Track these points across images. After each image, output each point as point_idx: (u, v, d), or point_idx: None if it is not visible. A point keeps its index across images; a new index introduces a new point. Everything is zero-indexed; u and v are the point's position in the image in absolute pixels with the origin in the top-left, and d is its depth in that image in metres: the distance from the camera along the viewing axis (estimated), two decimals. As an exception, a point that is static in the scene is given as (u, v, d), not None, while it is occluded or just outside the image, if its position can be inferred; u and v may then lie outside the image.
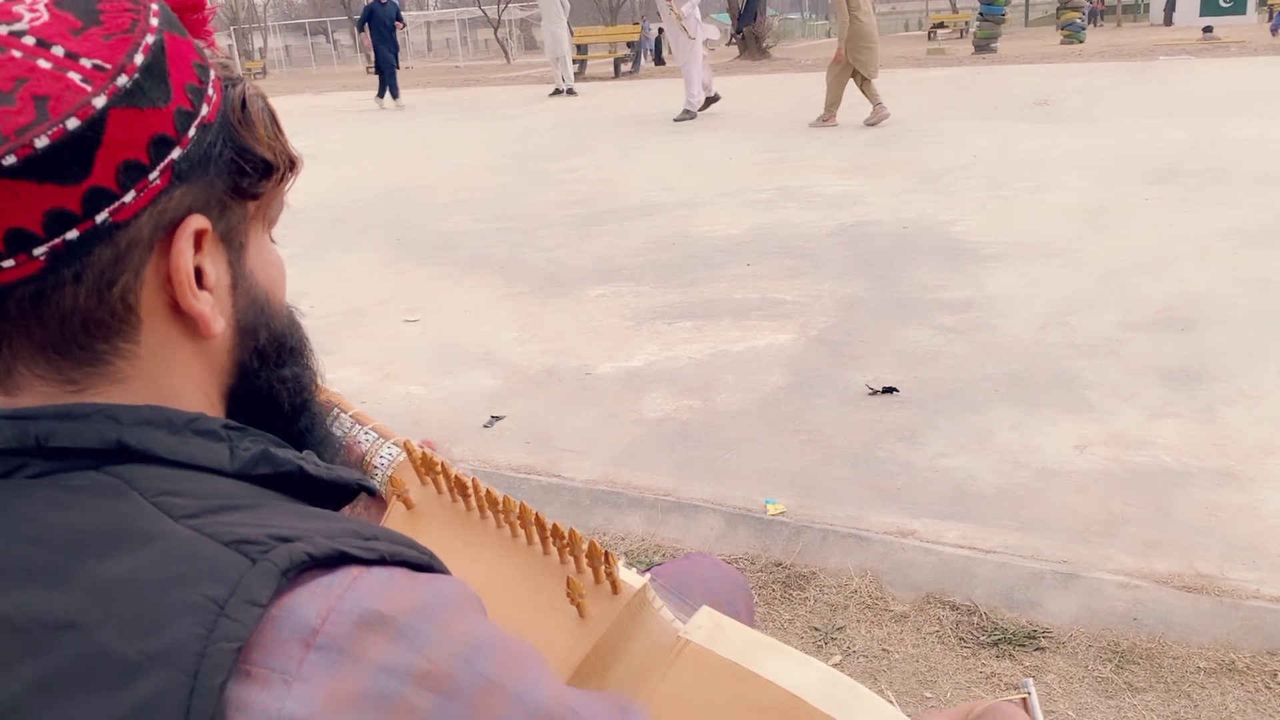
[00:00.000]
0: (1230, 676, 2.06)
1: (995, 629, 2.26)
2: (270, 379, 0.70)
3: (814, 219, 6.16)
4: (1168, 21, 27.47)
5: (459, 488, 0.97)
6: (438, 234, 6.46)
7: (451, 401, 3.61)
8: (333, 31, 54.17)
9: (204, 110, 0.60)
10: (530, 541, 0.94)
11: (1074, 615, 2.27)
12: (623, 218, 6.56)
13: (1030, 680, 0.91)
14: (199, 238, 0.61)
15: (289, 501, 0.63)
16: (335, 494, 0.69)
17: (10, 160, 0.53)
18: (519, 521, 0.93)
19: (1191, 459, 2.83)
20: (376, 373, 3.94)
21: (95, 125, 0.54)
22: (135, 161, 0.57)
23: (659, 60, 22.90)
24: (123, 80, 0.56)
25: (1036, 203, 6.09)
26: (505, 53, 39.37)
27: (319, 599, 0.53)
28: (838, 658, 2.24)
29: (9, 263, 0.56)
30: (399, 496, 0.99)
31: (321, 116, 16.52)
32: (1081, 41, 23.50)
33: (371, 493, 0.75)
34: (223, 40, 48.43)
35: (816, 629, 2.34)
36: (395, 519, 0.99)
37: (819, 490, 2.85)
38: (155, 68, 0.57)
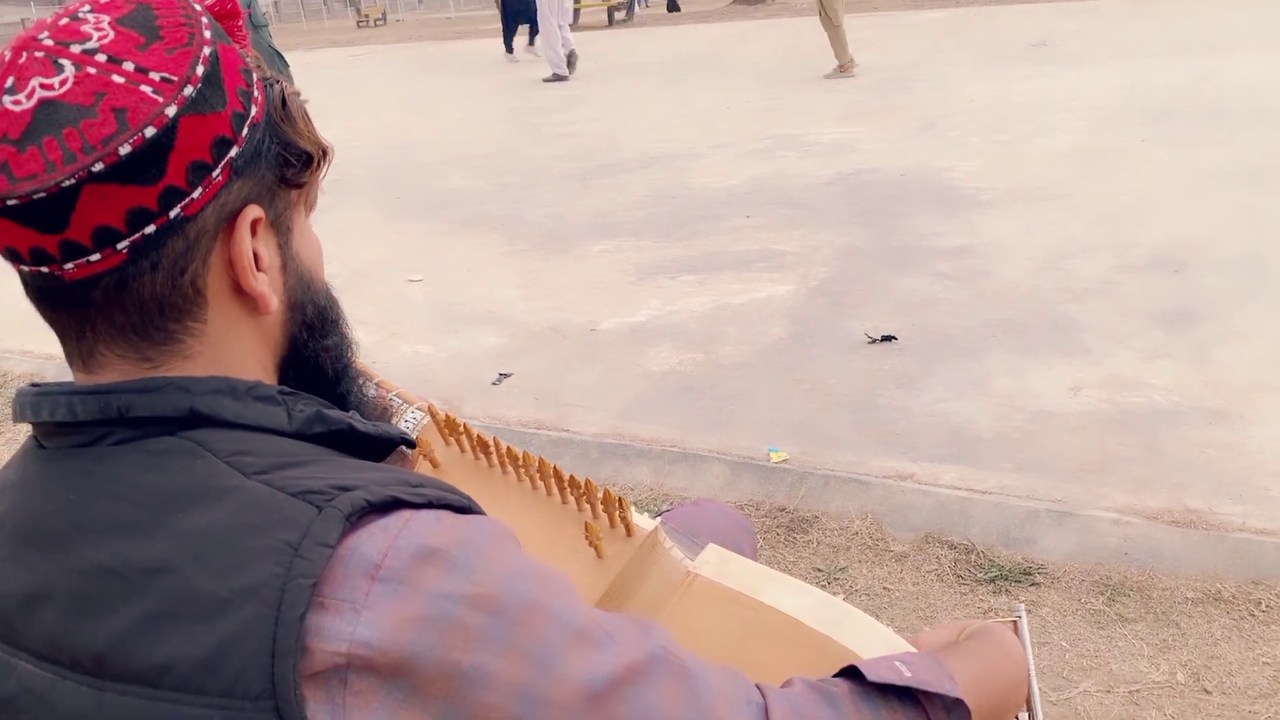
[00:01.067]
0: (1216, 605, 2.16)
1: (992, 566, 2.36)
2: (316, 348, 0.78)
3: (811, 168, 6.19)
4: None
5: (481, 446, 1.06)
6: (436, 191, 6.49)
7: (459, 360, 3.68)
8: (321, -15, 53.48)
9: (253, 111, 0.67)
10: (550, 492, 1.02)
11: (1068, 551, 2.37)
12: (621, 171, 6.58)
13: (1022, 606, 0.99)
14: (254, 225, 0.69)
15: (342, 456, 0.71)
16: (380, 447, 0.77)
17: (99, 167, 0.60)
18: (538, 474, 1.01)
19: (1183, 399, 2.91)
20: (382, 332, 4.01)
21: (169, 132, 0.61)
22: (201, 161, 0.64)
23: (673, 6, 22.49)
24: (189, 90, 0.62)
25: (1033, 147, 6.11)
26: (497, 2, 38.87)
27: (378, 538, 0.61)
28: (840, 596, 2.32)
29: (95, 256, 0.63)
30: (425, 456, 1.07)
31: (313, 73, 16.42)
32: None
33: (411, 445, 0.83)
34: (210, -3, 47.64)
35: (820, 570, 2.43)
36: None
37: (820, 437, 2.93)
38: (213, 76, 0.64)
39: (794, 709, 0.68)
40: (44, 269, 0.64)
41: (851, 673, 0.75)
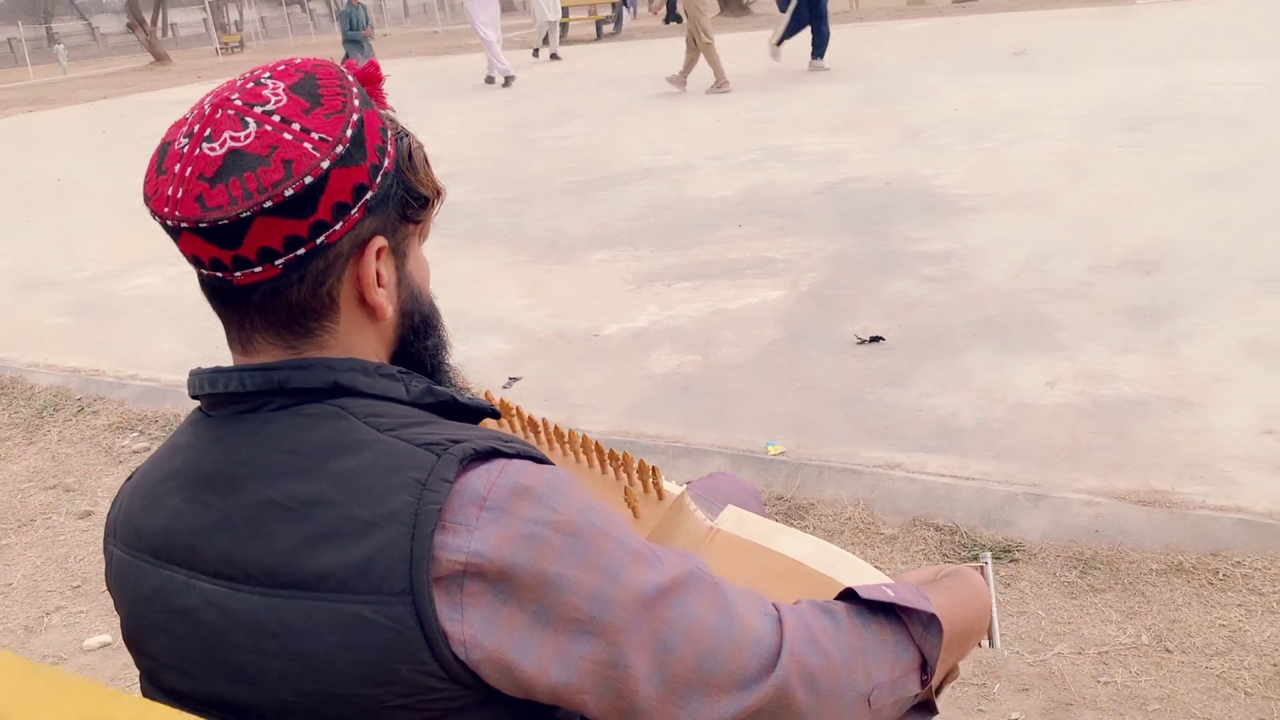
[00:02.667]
0: (1178, 575, 2.36)
1: (974, 545, 2.56)
2: (420, 347, 0.98)
3: (801, 178, 6.41)
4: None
5: (531, 426, 1.26)
6: (439, 206, 6.68)
7: (470, 365, 3.86)
8: (308, 1, 53.72)
9: (385, 162, 0.87)
10: (591, 465, 1.22)
11: (1044, 530, 2.57)
12: (617, 183, 6.80)
13: (988, 554, 1.19)
14: (379, 251, 0.89)
15: (448, 421, 0.91)
16: (475, 416, 0.97)
17: (269, 204, 0.80)
18: (582, 449, 1.21)
19: (1151, 389, 3.12)
20: (397, 342, 4.20)
21: (322, 180, 0.82)
22: (343, 202, 0.84)
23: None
24: (340, 149, 0.83)
25: (1015, 154, 6.34)
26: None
27: (484, 478, 0.82)
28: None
29: (258, 268, 0.83)
30: None
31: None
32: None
33: (496, 416, 1.02)
34: (198, 14, 48.16)
35: (816, 553, 2.63)
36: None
37: (814, 431, 3.13)
38: (359, 137, 0.84)
39: (800, 618, 0.87)
40: (219, 274, 0.84)
41: (848, 596, 0.94)
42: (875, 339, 3.73)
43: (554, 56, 16.54)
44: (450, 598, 0.78)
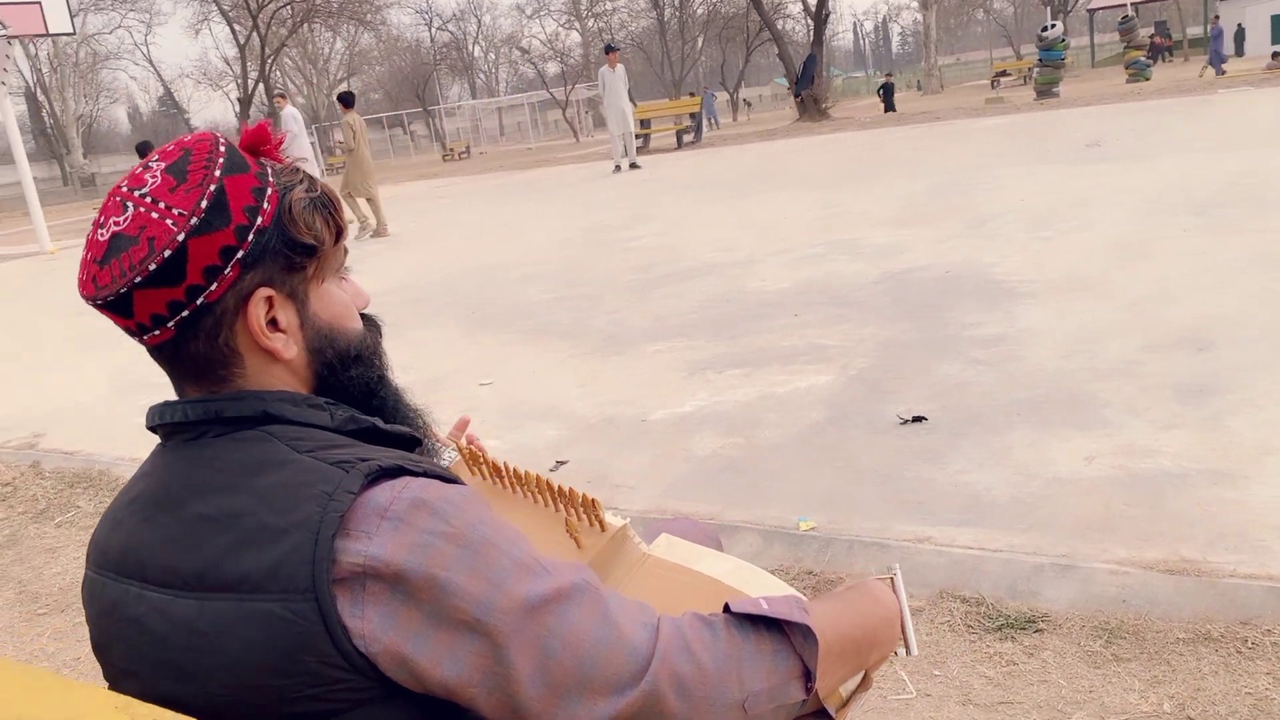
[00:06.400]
0: (1206, 644, 2.31)
1: (999, 616, 2.54)
2: (340, 379, 1.08)
3: (862, 269, 6.49)
4: (1238, 52, 27.29)
5: (495, 471, 1.37)
6: (511, 306, 6.94)
7: (520, 450, 4.01)
8: (409, 123, 56.40)
9: (259, 221, 0.97)
10: (546, 504, 1.32)
11: (1070, 601, 2.54)
12: (681, 279, 6.97)
13: (898, 565, 1.24)
14: (269, 301, 0.99)
15: (366, 444, 1.02)
16: (399, 443, 1.07)
17: (139, 279, 0.93)
18: (536, 489, 1.32)
19: (1191, 463, 3.08)
20: (454, 430, 4.36)
21: (180, 251, 0.93)
22: (213, 265, 0.95)
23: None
24: (194, 221, 0.94)
25: (1075, 241, 6.33)
26: (574, 132, 40.54)
27: (387, 492, 0.92)
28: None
29: (156, 332, 0.97)
30: None
31: (403, 205, 17.40)
32: (1148, 79, 23.51)
33: (419, 442, 1.13)
34: (308, 139, 50.82)
35: (842, 625, 2.64)
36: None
37: (848, 507, 3.15)
38: (218, 204, 0.95)
39: (678, 629, 0.94)
40: (136, 339, 0.99)
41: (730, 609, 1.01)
42: (918, 419, 3.75)
43: (633, 165, 17.04)
44: (353, 596, 0.88)
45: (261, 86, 38.62)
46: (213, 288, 0.95)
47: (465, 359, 5.65)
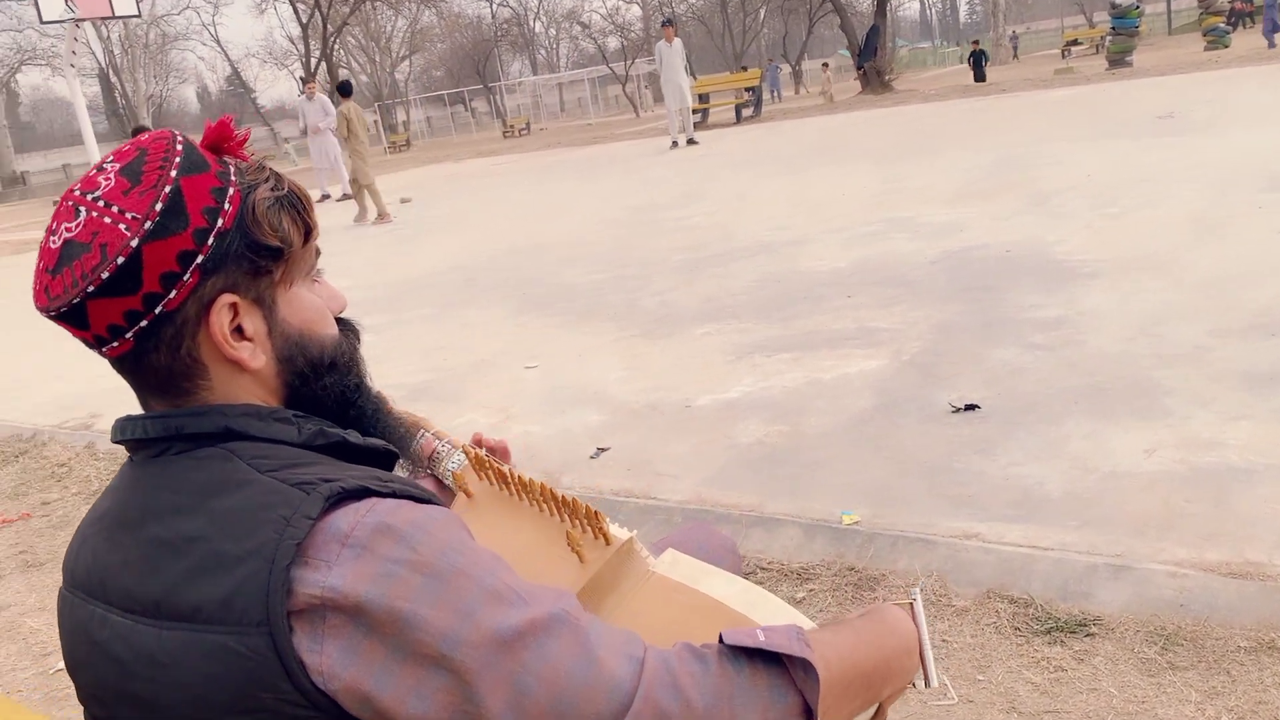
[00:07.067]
0: (1269, 654, 2.18)
1: (1049, 619, 2.43)
2: (313, 388, 1.01)
3: (919, 248, 6.32)
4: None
5: (500, 478, 1.30)
6: (560, 286, 6.89)
7: (563, 436, 3.96)
8: (470, 100, 56.63)
9: (219, 223, 0.90)
10: (552, 513, 1.25)
11: (1124, 603, 2.42)
12: (732, 259, 6.86)
13: (918, 589, 1.15)
14: (234, 307, 0.93)
15: (338, 461, 0.96)
16: (371, 456, 1.01)
17: (91, 288, 0.87)
18: (541, 498, 1.25)
19: (1259, 457, 2.92)
20: (499, 415, 4.34)
21: (135, 258, 0.87)
22: (170, 271, 0.88)
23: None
24: (149, 225, 0.87)
25: (1144, 218, 6.09)
26: (634, 107, 40.38)
27: (350, 516, 0.85)
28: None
29: (115, 344, 0.91)
30: (461, 489, 1.33)
31: (460, 183, 17.46)
32: (1227, 46, 22.69)
33: (395, 456, 1.06)
34: (370, 116, 51.31)
35: (883, 624, 2.54)
36: (459, 504, 1.34)
37: (894, 501, 3.05)
38: (174, 208, 0.88)
39: (665, 663, 0.86)
40: (96, 352, 0.93)
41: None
42: (970, 407, 3.62)
43: (691, 141, 16.88)
44: (313, 629, 0.82)
45: (324, 65, 39.00)
46: (171, 295, 0.89)
47: (512, 340, 5.61)
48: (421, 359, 5.48)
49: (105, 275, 0.86)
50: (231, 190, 0.92)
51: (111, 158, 0.92)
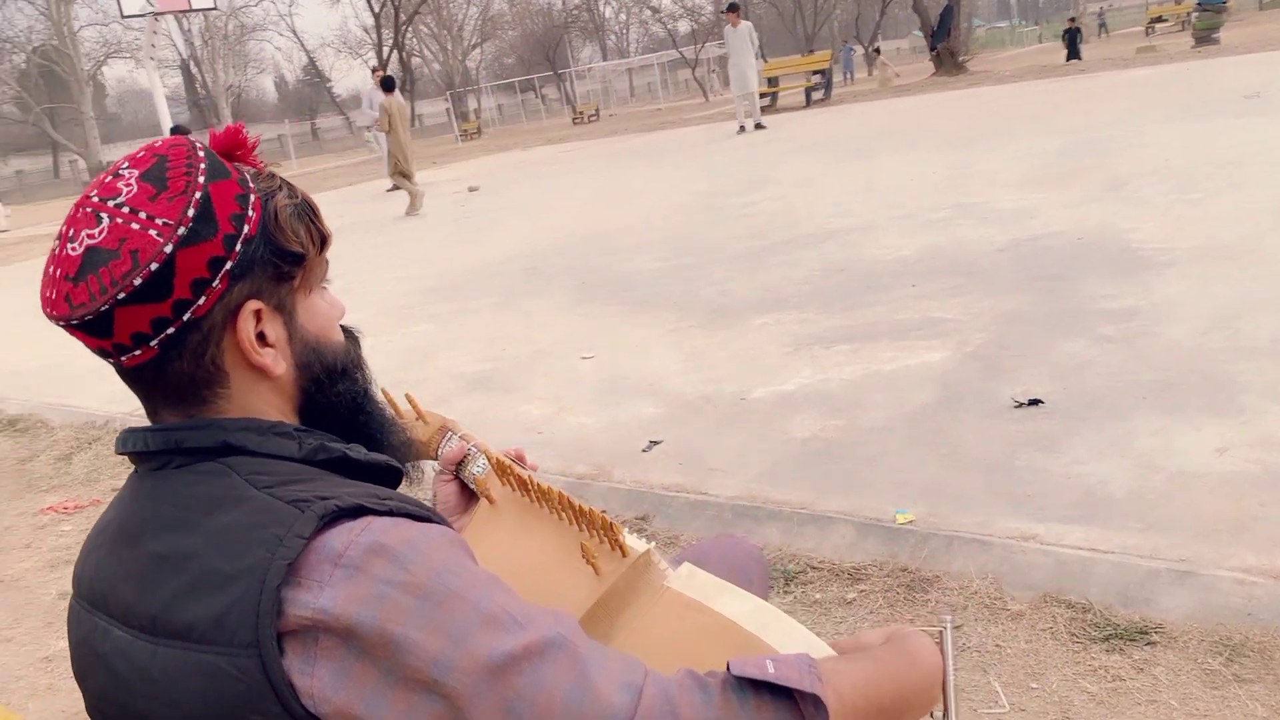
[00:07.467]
0: (1343, 669, 2.07)
1: (1107, 625, 2.34)
2: (328, 395, 1.01)
3: (988, 235, 6.16)
4: None
5: (520, 484, 1.28)
6: (620, 274, 6.87)
7: (615, 429, 3.93)
8: (540, 87, 56.84)
9: (245, 229, 0.90)
10: (571, 522, 1.22)
11: (1188, 611, 2.32)
12: (796, 247, 6.76)
13: (949, 618, 1.10)
14: (258, 314, 0.92)
15: (336, 477, 0.94)
16: (376, 473, 0.99)
17: (122, 295, 0.86)
18: (559, 506, 1.22)
19: (1340, 458, 2.78)
20: (553, 406, 4.33)
21: (168, 264, 0.86)
22: (201, 278, 0.88)
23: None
24: (182, 230, 0.86)
25: (1226, 204, 5.86)
26: (704, 91, 40.15)
27: (344, 535, 0.83)
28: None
29: (137, 351, 0.89)
30: (483, 494, 1.31)
31: (525, 171, 17.54)
32: (1320, 21, 21.75)
33: (398, 470, 1.04)
34: (441, 105, 51.80)
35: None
36: (482, 510, 1.32)
37: (950, 499, 2.97)
38: (205, 213, 0.88)
39: (665, 692, 0.82)
40: (110, 361, 0.91)
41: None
42: (1034, 402, 3.52)
43: (758, 126, 16.71)
44: (305, 651, 0.80)
45: (396, 54, 39.44)
46: (200, 302, 0.88)
47: (570, 330, 5.60)
48: (482, 349, 5.50)
49: (137, 281, 0.85)
50: (253, 197, 0.92)
51: (127, 164, 0.91)
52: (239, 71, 55.21)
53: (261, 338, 0.93)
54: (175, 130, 16.43)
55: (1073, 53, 25.54)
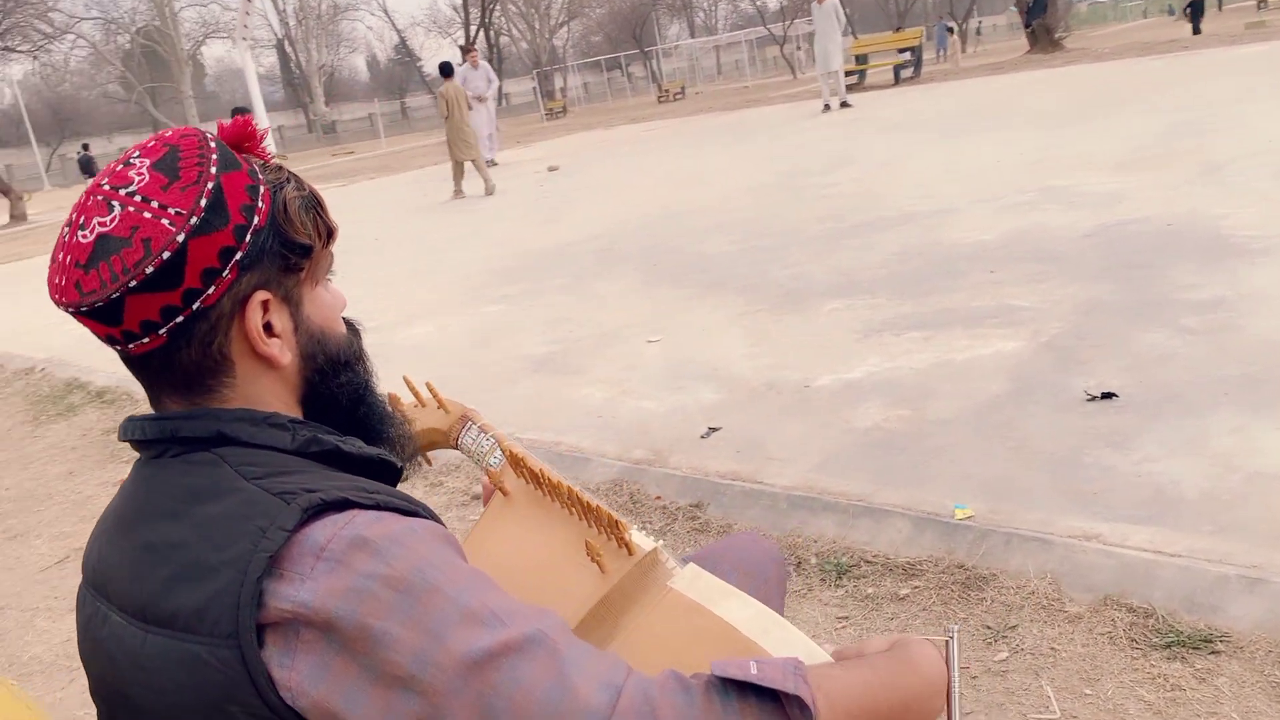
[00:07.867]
0: None
1: (1170, 631, 2.25)
2: (330, 386, 1.01)
3: (1073, 220, 5.97)
4: None
5: (532, 477, 1.27)
6: (693, 256, 6.83)
7: (676, 414, 3.91)
8: (627, 65, 56.78)
9: (255, 220, 0.91)
10: (580, 517, 1.21)
11: (1256, 620, 2.22)
12: (873, 230, 6.64)
13: (955, 628, 1.06)
14: (265, 305, 0.93)
15: (327, 469, 0.94)
16: (370, 467, 0.99)
17: (133, 283, 0.86)
18: (569, 502, 1.21)
19: None
20: (615, 389, 4.33)
21: (180, 253, 0.87)
22: (211, 268, 0.89)
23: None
24: (194, 220, 0.87)
25: (1328, 188, 5.58)
26: (792, 69, 39.67)
27: (327, 528, 0.83)
28: (1004, 654, 2.31)
29: (145, 339, 0.90)
30: (498, 487, 1.31)
31: (607, 150, 17.53)
32: None
33: (393, 465, 1.03)
34: (529, 84, 52.08)
35: (989, 627, 2.42)
36: (496, 502, 1.32)
37: (1013, 495, 2.88)
38: (216, 203, 0.89)
39: (644, 692, 0.80)
40: (118, 348, 0.93)
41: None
42: (1107, 395, 3.39)
43: (844, 104, 16.44)
44: (286, 643, 0.80)
45: (483, 33, 39.77)
46: (210, 291, 0.89)
47: (639, 313, 5.59)
48: (549, 330, 5.52)
49: (149, 270, 0.86)
50: (262, 189, 0.93)
51: (138, 153, 0.92)
52: (331, 51, 56.28)
53: (268, 328, 0.94)
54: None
55: (1196, 28, 24.45)
